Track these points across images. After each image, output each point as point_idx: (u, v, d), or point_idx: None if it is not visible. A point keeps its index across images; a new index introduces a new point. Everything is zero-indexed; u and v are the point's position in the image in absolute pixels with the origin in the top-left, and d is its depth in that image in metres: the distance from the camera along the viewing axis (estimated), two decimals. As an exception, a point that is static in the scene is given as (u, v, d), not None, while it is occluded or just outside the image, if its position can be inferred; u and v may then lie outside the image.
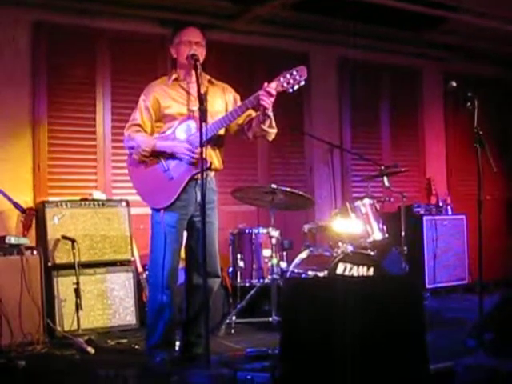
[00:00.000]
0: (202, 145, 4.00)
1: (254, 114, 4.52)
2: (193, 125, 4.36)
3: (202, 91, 4.20)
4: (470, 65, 8.95)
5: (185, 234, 4.60)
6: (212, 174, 4.57)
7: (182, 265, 4.64)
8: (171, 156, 4.40)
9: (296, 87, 4.20)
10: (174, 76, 4.55)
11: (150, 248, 4.55)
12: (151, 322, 4.56)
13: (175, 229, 4.42)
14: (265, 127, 4.44)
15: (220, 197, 4.71)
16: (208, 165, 4.27)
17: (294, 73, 4.18)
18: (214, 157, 4.45)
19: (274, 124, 4.49)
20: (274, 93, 4.21)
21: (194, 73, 4.28)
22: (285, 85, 4.19)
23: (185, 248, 4.62)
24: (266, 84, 4.23)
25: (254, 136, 4.57)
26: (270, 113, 4.35)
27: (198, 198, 4.29)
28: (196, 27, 4.55)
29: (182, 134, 4.41)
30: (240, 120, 4.52)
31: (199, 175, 4.03)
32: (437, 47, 8.66)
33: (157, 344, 4.49)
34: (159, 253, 4.43)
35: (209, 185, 4.45)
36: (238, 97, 4.63)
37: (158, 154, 4.43)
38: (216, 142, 4.51)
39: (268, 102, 4.23)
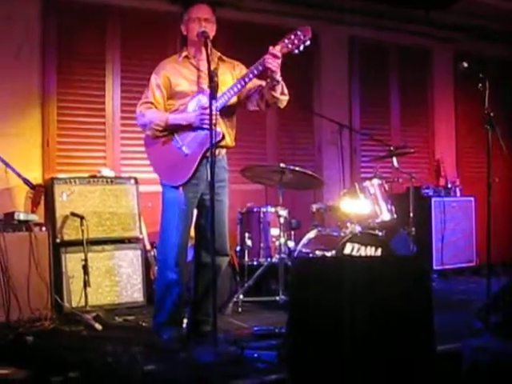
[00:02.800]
0: (211, 122, 3.99)
1: (264, 83, 4.47)
2: (204, 99, 4.31)
3: (212, 68, 4.18)
4: (482, 45, 8.88)
5: (195, 212, 4.60)
6: (224, 151, 4.56)
7: (190, 243, 4.65)
8: (185, 132, 4.39)
9: (301, 47, 4.16)
10: (184, 53, 4.54)
11: (161, 225, 4.55)
12: (159, 298, 4.58)
13: (186, 206, 4.41)
14: (276, 94, 4.40)
15: (229, 175, 4.71)
16: (221, 136, 4.26)
17: (299, 33, 4.14)
18: (225, 133, 4.43)
19: (285, 91, 4.45)
20: (279, 54, 4.17)
21: (204, 50, 4.27)
22: (290, 46, 4.16)
23: (194, 226, 4.62)
24: (271, 47, 4.19)
25: (266, 105, 4.53)
26: (279, 77, 4.31)
27: (209, 176, 4.28)
28: (205, 4, 4.52)
29: (192, 107, 4.40)
30: (250, 90, 4.50)
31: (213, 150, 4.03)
32: (448, 27, 8.59)
33: (164, 321, 4.51)
34: (170, 230, 4.44)
35: (220, 163, 4.45)
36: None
37: (171, 130, 4.42)
38: (228, 117, 4.50)
39: (274, 65, 4.19)
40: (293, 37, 4.15)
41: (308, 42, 4.14)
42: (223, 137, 4.33)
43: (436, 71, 8.92)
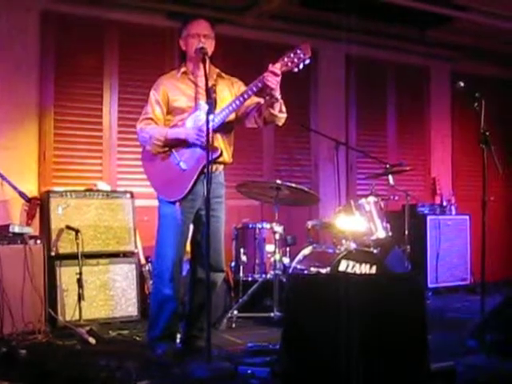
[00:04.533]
0: (208, 137, 4.00)
1: (262, 101, 4.49)
2: (201, 115, 4.32)
3: (211, 84, 4.19)
4: (478, 65, 8.94)
5: (191, 227, 4.60)
6: (221, 167, 4.56)
7: (185, 258, 4.65)
8: (183, 148, 4.40)
9: (301, 66, 4.15)
10: (182, 69, 4.55)
11: (157, 240, 4.54)
12: (154, 313, 4.56)
13: (182, 222, 4.41)
14: (274, 112, 4.40)
15: (225, 191, 4.71)
16: (219, 153, 4.27)
17: (298, 51, 4.12)
18: (223, 149, 4.43)
19: (283, 108, 4.46)
20: (278, 72, 4.16)
21: (202, 66, 4.28)
22: (289, 64, 4.15)
23: (190, 242, 4.62)
24: (270, 65, 4.19)
25: (264, 122, 4.53)
26: (278, 95, 4.32)
27: (205, 192, 4.28)
28: (204, 20, 4.54)
29: (190, 124, 4.41)
30: (248, 107, 4.50)
31: (209, 167, 4.03)
32: (445, 46, 8.65)
33: (158, 336, 4.50)
34: (165, 245, 4.44)
35: (217, 179, 4.46)
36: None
37: (170, 146, 4.42)
38: (225, 134, 4.50)
39: (274, 82, 4.19)
40: (292, 55, 4.14)
41: (308, 61, 4.13)
42: (221, 153, 4.33)
43: (432, 90, 8.96)
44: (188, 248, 4.63)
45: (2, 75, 6.19)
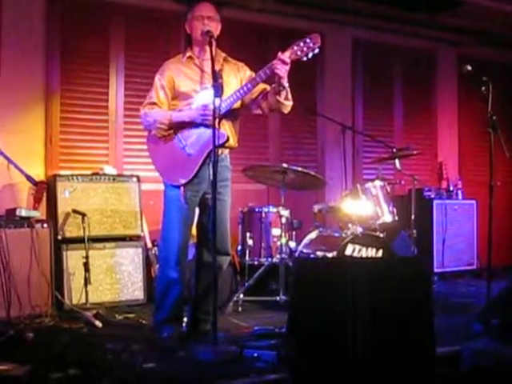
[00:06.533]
0: (215, 120, 4.01)
1: (269, 88, 4.48)
2: (208, 95, 4.27)
3: (217, 69, 4.19)
4: (486, 49, 8.90)
5: (197, 210, 4.60)
6: (226, 151, 4.56)
7: (191, 241, 4.66)
8: (188, 132, 4.39)
9: (310, 55, 4.16)
10: (188, 54, 4.52)
11: (162, 224, 4.55)
12: (160, 296, 4.56)
13: (187, 205, 4.41)
14: (281, 99, 4.40)
15: (231, 175, 4.71)
16: (225, 138, 4.27)
17: (308, 40, 4.13)
18: (230, 135, 4.42)
19: (289, 96, 4.45)
20: (288, 61, 4.16)
21: (208, 49, 4.27)
22: (299, 53, 4.15)
23: (196, 225, 4.62)
24: (279, 53, 4.18)
25: (269, 109, 4.53)
26: (286, 83, 4.31)
27: (211, 175, 4.29)
28: (208, 2, 4.52)
29: (197, 103, 4.39)
30: (255, 94, 4.49)
31: (216, 151, 4.04)
32: (452, 30, 8.60)
33: (164, 319, 4.50)
34: (171, 229, 4.44)
35: (223, 162, 4.45)
36: (253, 74, 4.53)
37: (175, 130, 4.41)
38: (232, 119, 4.49)
39: (283, 71, 4.19)
40: (302, 44, 4.14)
41: (317, 50, 4.14)
42: (227, 139, 4.33)
43: (440, 74, 8.92)
44: (194, 232, 4.64)
45: (8, 60, 6.17)
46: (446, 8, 7.86)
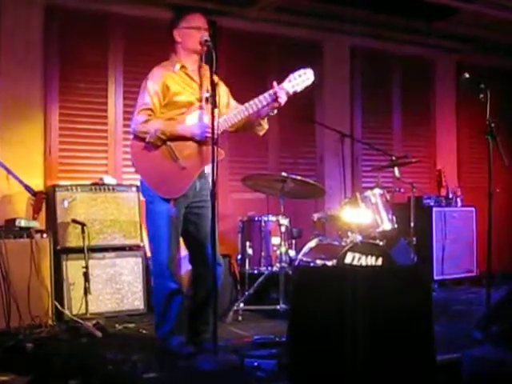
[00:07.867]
0: (213, 134, 4.03)
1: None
2: (204, 115, 4.35)
3: (208, 80, 4.28)
4: (484, 56, 8.91)
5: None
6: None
7: (184, 253, 4.64)
8: (183, 145, 4.36)
9: (303, 88, 4.39)
10: (179, 63, 4.50)
11: (151, 237, 4.51)
12: (162, 310, 4.44)
13: (177, 218, 4.39)
14: (264, 122, 4.56)
15: (230, 184, 4.72)
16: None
17: (303, 74, 4.38)
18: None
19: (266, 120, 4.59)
20: (290, 93, 4.34)
21: (198, 60, 4.42)
22: (295, 87, 4.37)
23: (182, 236, 4.55)
24: (284, 84, 4.34)
25: (243, 129, 4.64)
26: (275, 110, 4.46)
27: (198, 187, 4.41)
28: (202, 14, 4.56)
29: (193, 121, 4.40)
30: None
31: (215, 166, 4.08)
32: (450, 38, 8.61)
33: (170, 331, 4.41)
34: (162, 242, 4.38)
35: (209, 178, 4.46)
36: (227, 89, 4.68)
37: (170, 142, 4.36)
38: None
39: (284, 100, 4.33)
40: (298, 77, 4.36)
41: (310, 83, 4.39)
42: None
43: (438, 81, 8.93)
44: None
45: (6, 70, 6.18)
46: (444, 16, 7.88)
